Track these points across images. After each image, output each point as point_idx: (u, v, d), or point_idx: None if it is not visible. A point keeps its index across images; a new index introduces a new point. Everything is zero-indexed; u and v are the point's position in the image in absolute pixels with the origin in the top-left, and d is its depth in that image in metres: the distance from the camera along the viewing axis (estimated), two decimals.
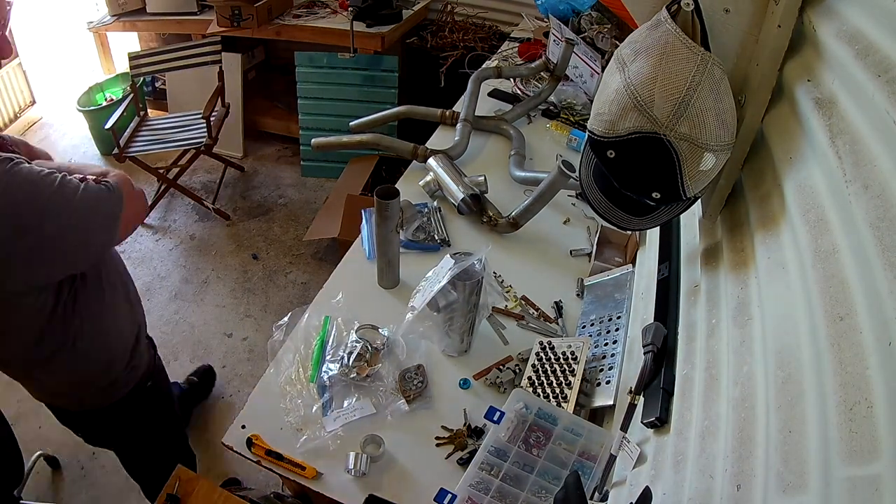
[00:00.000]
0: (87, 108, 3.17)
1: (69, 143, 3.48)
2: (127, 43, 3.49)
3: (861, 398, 0.48)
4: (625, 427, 0.91)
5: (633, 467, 0.90)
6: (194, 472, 1.25)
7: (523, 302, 1.43)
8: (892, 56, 0.56)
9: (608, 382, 1.17)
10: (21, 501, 1.68)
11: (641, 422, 0.91)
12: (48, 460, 1.99)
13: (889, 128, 0.53)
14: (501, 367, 1.27)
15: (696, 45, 0.73)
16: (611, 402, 1.13)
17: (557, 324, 1.38)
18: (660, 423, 0.88)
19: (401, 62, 2.83)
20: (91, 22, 3.23)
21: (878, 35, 0.60)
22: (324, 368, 1.24)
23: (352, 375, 1.21)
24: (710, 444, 0.71)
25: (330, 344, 1.29)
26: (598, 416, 1.18)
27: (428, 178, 1.66)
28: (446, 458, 1.12)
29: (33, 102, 3.61)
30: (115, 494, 1.95)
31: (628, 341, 1.22)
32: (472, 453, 1.08)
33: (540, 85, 2.22)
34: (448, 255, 1.20)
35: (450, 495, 1.02)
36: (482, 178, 1.64)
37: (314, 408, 1.18)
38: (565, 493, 0.84)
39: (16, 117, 3.50)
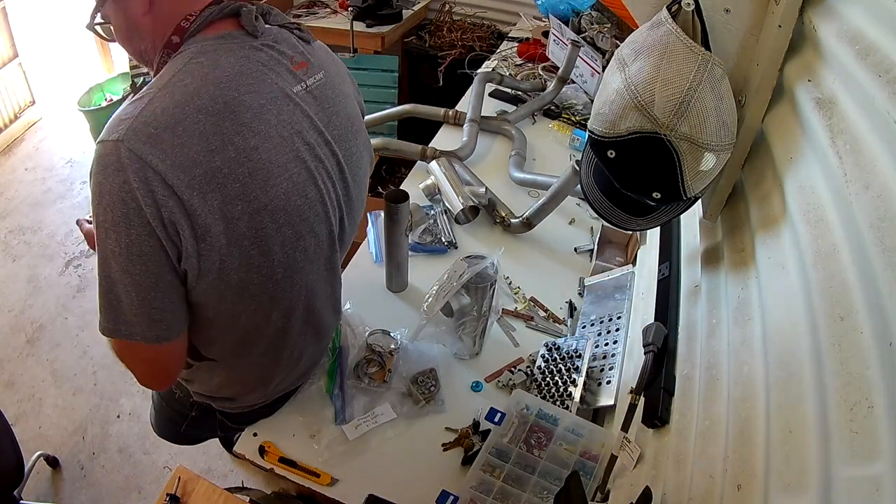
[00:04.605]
0: (87, 108, 3.17)
1: (69, 143, 3.48)
2: None
3: (861, 398, 0.48)
4: (625, 427, 0.91)
5: (634, 467, 0.90)
6: (194, 472, 1.25)
7: (531, 303, 1.43)
8: (893, 56, 0.56)
9: (609, 382, 1.17)
10: (21, 501, 1.68)
11: (642, 422, 0.91)
12: (48, 460, 1.99)
13: (889, 128, 0.53)
14: (513, 369, 1.27)
15: (696, 45, 0.73)
16: (611, 402, 1.13)
17: (566, 324, 1.38)
18: (660, 423, 0.88)
19: (400, 62, 2.83)
20: None
21: (878, 35, 0.59)
22: (338, 376, 1.23)
23: (366, 381, 1.21)
24: (711, 444, 0.71)
25: (343, 351, 1.27)
26: (599, 415, 1.18)
27: (428, 181, 1.66)
28: (462, 464, 1.11)
29: (33, 102, 3.61)
30: (115, 494, 1.95)
31: (629, 341, 1.22)
32: (478, 452, 1.08)
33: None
34: (461, 259, 1.19)
35: (451, 497, 1.02)
36: (483, 189, 1.63)
37: (330, 416, 1.17)
38: (566, 493, 0.84)
39: (16, 117, 3.50)
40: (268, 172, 0.81)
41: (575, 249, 1.57)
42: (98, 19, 0.86)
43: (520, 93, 2.20)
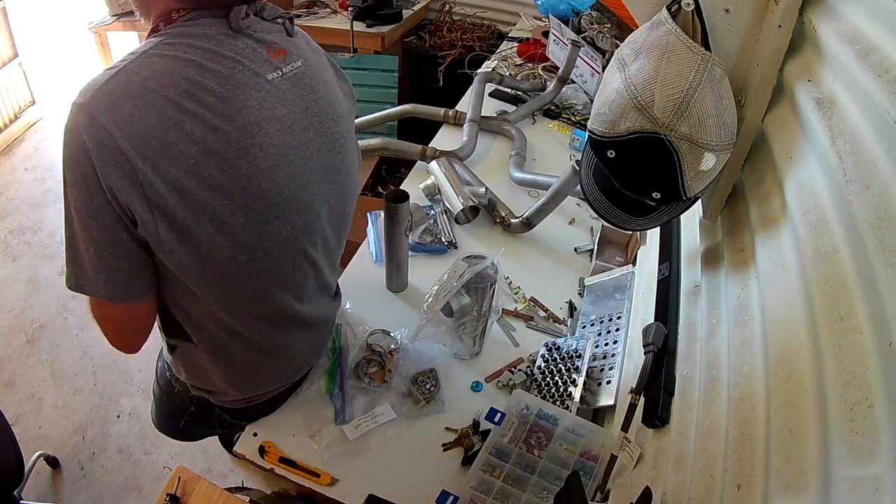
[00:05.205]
0: None
1: None
2: (127, 43, 3.49)
3: (861, 398, 0.48)
4: (625, 427, 0.91)
5: (634, 467, 0.90)
6: (194, 472, 1.25)
7: (531, 303, 1.43)
8: (893, 56, 0.56)
9: (609, 382, 1.17)
10: (21, 501, 1.68)
11: (642, 422, 0.91)
12: (48, 460, 1.99)
13: (889, 128, 0.53)
14: (513, 369, 1.27)
15: (696, 45, 0.73)
16: (611, 402, 1.13)
17: (566, 324, 1.38)
18: (660, 423, 0.88)
19: (400, 62, 2.83)
20: (91, 22, 3.22)
21: (878, 35, 0.60)
22: (338, 376, 1.22)
23: (366, 381, 1.21)
24: (711, 443, 0.71)
25: (343, 351, 1.27)
26: (599, 415, 1.19)
27: (428, 181, 1.66)
28: (462, 464, 1.11)
29: (33, 102, 3.61)
30: (115, 494, 1.95)
31: (629, 341, 1.22)
32: (478, 452, 1.08)
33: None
34: (461, 259, 1.19)
35: (451, 497, 1.02)
36: (483, 189, 1.63)
37: (330, 416, 1.17)
38: (566, 493, 0.84)
39: (16, 117, 3.50)
40: (225, 153, 0.82)
41: (575, 249, 1.57)
42: None
43: (520, 93, 2.20)
